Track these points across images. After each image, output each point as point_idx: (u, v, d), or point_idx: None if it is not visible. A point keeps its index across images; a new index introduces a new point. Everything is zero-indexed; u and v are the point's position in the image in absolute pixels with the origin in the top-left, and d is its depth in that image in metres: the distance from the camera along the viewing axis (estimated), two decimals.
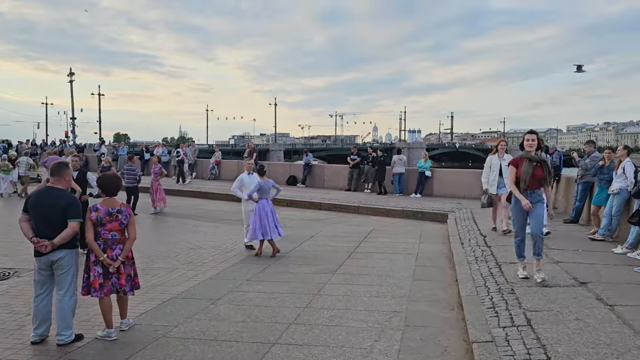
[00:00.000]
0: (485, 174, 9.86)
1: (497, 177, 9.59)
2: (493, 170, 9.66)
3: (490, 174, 9.73)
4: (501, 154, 9.68)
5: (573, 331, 4.55)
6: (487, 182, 9.75)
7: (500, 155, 9.69)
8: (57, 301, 4.66)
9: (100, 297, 4.82)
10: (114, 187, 5.04)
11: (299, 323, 5.38)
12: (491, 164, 9.70)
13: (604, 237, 8.85)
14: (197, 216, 13.33)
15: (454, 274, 7.32)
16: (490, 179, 9.70)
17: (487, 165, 9.82)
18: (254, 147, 23.51)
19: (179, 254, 8.69)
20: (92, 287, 4.76)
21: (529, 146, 6.32)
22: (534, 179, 6.18)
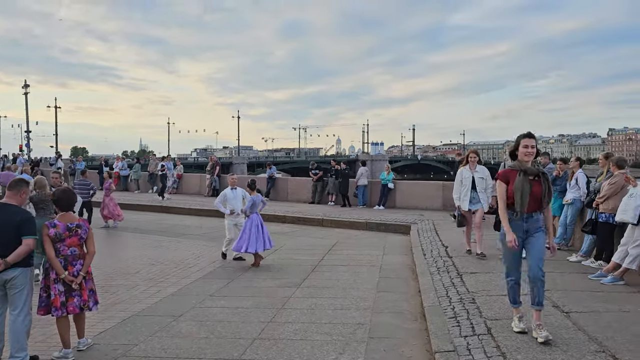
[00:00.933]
0: (456, 188, 8.95)
1: (469, 191, 8.72)
2: (464, 185, 8.79)
3: (461, 189, 8.84)
4: (472, 165, 8.85)
5: (531, 338, 4.67)
6: (458, 198, 8.86)
7: (471, 167, 8.86)
8: (10, 322, 4.47)
9: (59, 317, 4.67)
10: (69, 202, 4.92)
11: (263, 338, 5.33)
12: (462, 177, 8.84)
13: (560, 245, 9.12)
14: (159, 231, 13.08)
15: (417, 285, 7.41)
16: (462, 194, 8.81)
17: (457, 179, 8.93)
18: (217, 161, 23.28)
19: (139, 270, 8.50)
20: (52, 307, 4.60)
21: (526, 155, 4.80)
22: (532, 199, 4.73)
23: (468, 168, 8.85)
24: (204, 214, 16.01)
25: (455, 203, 8.96)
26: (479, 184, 8.71)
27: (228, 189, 9.55)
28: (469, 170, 8.83)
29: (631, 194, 6.78)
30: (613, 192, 7.37)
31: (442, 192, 17.01)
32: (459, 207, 8.83)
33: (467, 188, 8.73)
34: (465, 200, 8.75)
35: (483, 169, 8.88)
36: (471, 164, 8.87)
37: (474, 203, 8.73)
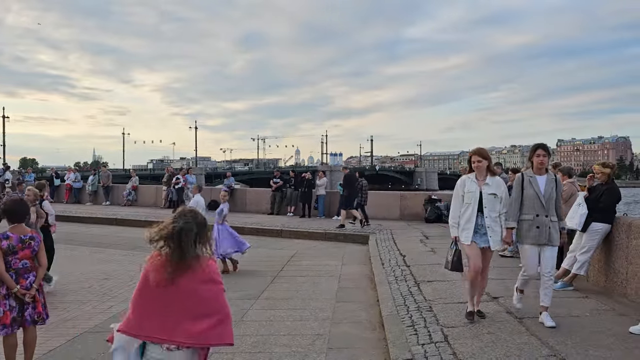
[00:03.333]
0: (454, 208, 5.73)
1: (474, 215, 5.51)
2: (467, 203, 5.58)
3: (464, 210, 5.59)
4: (480, 174, 5.67)
5: (486, 344, 4.77)
6: (456, 225, 5.64)
7: (479, 177, 5.65)
8: None
9: (7, 336, 4.43)
10: (22, 213, 4.72)
11: (220, 352, 5.23)
12: (464, 191, 5.65)
13: (513, 253, 9.39)
14: (113, 244, 12.71)
15: (376, 294, 7.46)
16: (464, 218, 5.57)
17: (456, 195, 5.73)
18: (174, 171, 22.90)
19: (92, 285, 8.22)
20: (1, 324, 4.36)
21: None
22: None
23: (474, 178, 5.67)
24: None
25: (451, 231, 5.69)
26: (490, 205, 5.53)
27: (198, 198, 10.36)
28: (474, 182, 5.63)
29: (579, 202, 7.06)
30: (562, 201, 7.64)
31: (400, 202, 17.29)
32: (456, 238, 5.63)
33: (472, 210, 5.55)
34: (467, 229, 5.54)
35: (498, 181, 5.69)
36: (478, 172, 5.67)
37: (481, 234, 5.56)
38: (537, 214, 5.48)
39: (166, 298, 2.77)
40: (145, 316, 2.78)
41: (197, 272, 2.84)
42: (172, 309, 2.77)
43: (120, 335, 2.82)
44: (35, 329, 4.65)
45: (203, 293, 2.85)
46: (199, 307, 2.80)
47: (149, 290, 2.79)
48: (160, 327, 2.75)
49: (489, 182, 5.65)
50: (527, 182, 5.62)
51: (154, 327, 2.75)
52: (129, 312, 2.85)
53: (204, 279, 2.87)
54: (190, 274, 2.80)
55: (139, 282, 2.86)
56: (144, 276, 2.83)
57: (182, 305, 2.77)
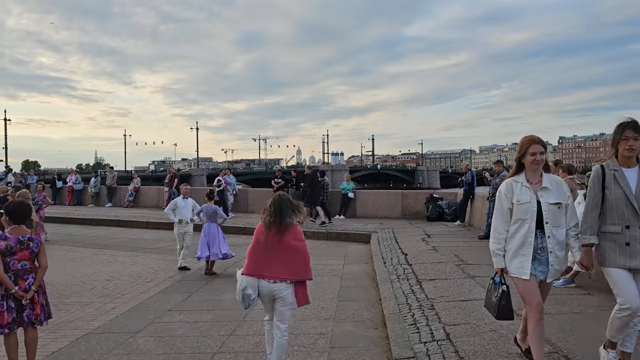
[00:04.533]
0: (498, 226, 4.09)
1: (532, 234, 3.91)
2: (522, 220, 3.94)
3: (516, 229, 3.98)
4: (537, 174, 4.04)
5: (488, 342, 4.78)
6: (501, 252, 4.06)
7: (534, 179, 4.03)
8: None
9: (7, 335, 4.46)
10: (23, 215, 4.74)
11: (223, 352, 5.25)
12: (515, 199, 3.98)
13: None
14: (115, 246, 12.74)
15: (378, 293, 7.47)
16: (517, 241, 3.97)
17: (501, 207, 4.07)
18: (176, 173, 22.91)
19: (94, 287, 8.25)
20: None
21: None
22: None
23: (524, 181, 4.02)
24: (163, 227, 15.68)
25: (495, 261, 4.09)
26: (553, 219, 3.93)
27: (179, 198, 9.86)
28: (527, 187, 3.97)
29: (579, 201, 7.05)
30: None
31: (401, 200, 17.29)
32: (502, 271, 4.07)
33: (528, 229, 3.91)
34: (522, 255, 3.93)
35: (558, 182, 4.05)
36: (531, 172, 4.03)
37: (540, 262, 3.95)
38: (626, 225, 3.84)
39: (271, 250, 4.35)
40: (258, 262, 4.37)
41: (291, 233, 4.38)
42: (275, 257, 4.34)
43: (244, 276, 4.39)
44: (36, 330, 4.67)
45: (295, 246, 4.40)
46: (292, 256, 4.39)
47: (259, 246, 4.41)
48: (268, 268, 4.32)
49: (548, 184, 3.92)
50: (610, 178, 3.92)
51: (264, 269, 4.33)
52: (246, 261, 4.43)
53: (295, 238, 4.40)
54: (286, 234, 4.35)
55: (252, 242, 4.47)
56: (256, 238, 4.45)
57: (282, 254, 4.35)
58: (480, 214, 13.31)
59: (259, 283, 4.33)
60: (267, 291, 4.33)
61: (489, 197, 11.57)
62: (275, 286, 4.30)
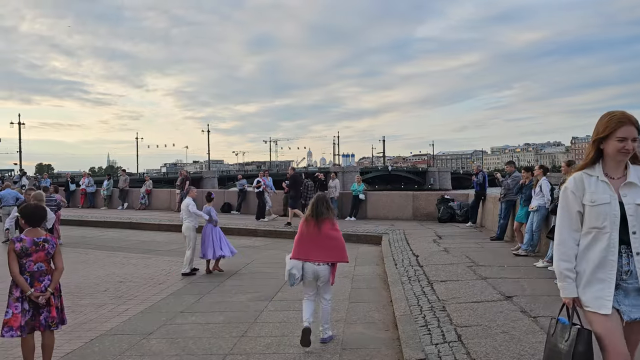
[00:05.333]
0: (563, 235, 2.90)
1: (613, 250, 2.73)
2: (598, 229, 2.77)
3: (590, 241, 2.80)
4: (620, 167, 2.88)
5: (500, 344, 4.75)
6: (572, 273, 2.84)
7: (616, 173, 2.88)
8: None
9: (24, 338, 4.51)
10: (37, 217, 4.81)
11: (235, 353, 5.28)
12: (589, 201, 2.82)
13: (527, 252, 9.34)
14: (127, 248, 12.84)
15: (389, 294, 7.46)
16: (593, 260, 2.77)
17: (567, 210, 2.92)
18: (187, 175, 23.05)
19: (108, 288, 8.32)
20: (6, 326, 4.41)
21: None
22: None
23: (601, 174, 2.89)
24: (174, 229, 15.75)
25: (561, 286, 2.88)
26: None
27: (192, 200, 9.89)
28: (605, 181, 2.85)
29: None
30: None
31: (413, 202, 17.24)
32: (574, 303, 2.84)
33: (610, 241, 2.76)
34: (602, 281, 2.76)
35: None
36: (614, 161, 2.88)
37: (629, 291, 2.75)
38: None
39: (314, 238, 5.45)
40: (303, 248, 5.45)
41: (328, 224, 5.52)
42: (317, 244, 5.43)
43: (291, 260, 5.44)
44: (53, 334, 4.71)
45: (332, 235, 5.52)
46: (330, 242, 5.49)
47: (303, 236, 5.51)
48: (312, 253, 5.40)
49: (636, 179, 2.84)
50: None
51: (308, 254, 5.41)
52: (294, 248, 5.50)
53: (331, 228, 5.54)
54: (323, 226, 5.48)
55: (297, 233, 5.60)
56: (300, 230, 5.60)
57: (322, 242, 5.44)
58: (492, 215, 13.23)
59: (304, 265, 5.39)
60: (311, 271, 5.40)
61: (501, 198, 11.50)
62: (319, 267, 5.40)
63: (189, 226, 9.59)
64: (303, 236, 5.51)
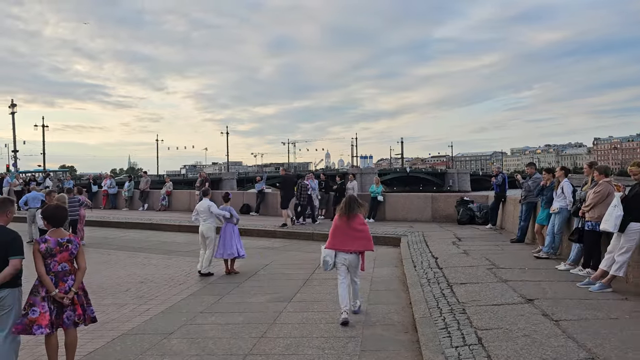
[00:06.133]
0: None
1: None
2: None
3: None
4: None
5: (522, 347, 4.70)
6: None
7: None
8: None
9: (48, 336, 4.61)
10: (60, 218, 4.90)
11: (254, 354, 5.31)
12: None
13: (548, 254, 9.22)
14: (148, 248, 13.00)
15: (408, 296, 7.43)
16: None
17: None
18: (206, 177, 23.24)
19: (129, 289, 8.44)
20: (35, 324, 4.50)
21: None
22: None
23: None
24: (194, 230, 15.83)
25: None
26: None
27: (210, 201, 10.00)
28: None
29: (615, 204, 6.87)
30: (598, 201, 7.47)
31: (432, 203, 17.12)
32: None
33: None
34: None
35: None
36: None
37: None
38: None
39: (346, 231, 6.41)
40: (337, 239, 6.42)
41: (358, 219, 6.47)
42: (348, 236, 6.40)
43: (326, 249, 6.45)
44: (76, 331, 4.81)
45: (359, 228, 6.46)
46: (359, 234, 6.43)
47: (337, 229, 6.47)
48: (343, 244, 6.39)
49: None
50: None
51: (341, 244, 6.40)
52: (328, 239, 6.49)
53: (359, 223, 6.49)
54: (355, 219, 6.45)
55: (332, 226, 6.59)
56: (334, 224, 6.58)
57: (352, 234, 6.41)
58: (512, 217, 13.09)
59: (336, 254, 6.38)
60: (343, 259, 6.38)
61: (521, 199, 11.37)
62: (349, 256, 6.39)
63: (210, 227, 9.67)
64: (336, 229, 6.48)
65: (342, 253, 6.37)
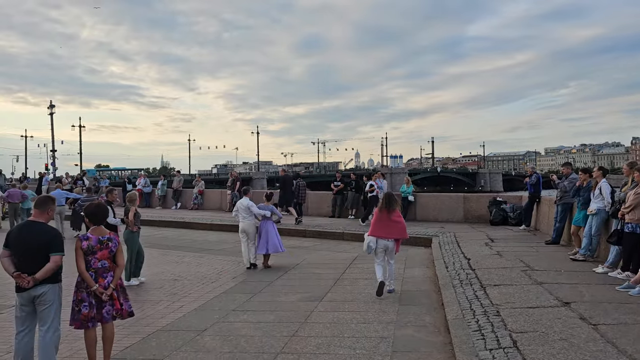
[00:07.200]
0: None
1: None
2: None
3: None
4: None
5: (558, 351, 4.59)
6: None
7: None
8: (40, 338, 4.56)
9: (88, 330, 4.76)
10: (102, 216, 5.05)
11: (286, 352, 5.34)
12: None
13: (585, 257, 8.98)
14: (181, 247, 13.21)
15: (440, 297, 7.35)
16: None
17: None
18: (237, 176, 23.47)
19: (163, 286, 8.60)
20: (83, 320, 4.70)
21: None
22: None
23: None
24: (226, 229, 16.12)
25: None
26: None
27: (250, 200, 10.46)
28: None
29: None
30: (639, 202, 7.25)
31: (463, 204, 16.90)
32: None
33: None
34: None
35: None
36: None
37: None
38: None
39: (386, 221, 7.66)
40: (378, 229, 7.65)
41: (396, 212, 7.78)
42: (387, 226, 7.65)
43: (369, 236, 7.62)
44: (113, 326, 4.95)
45: (397, 220, 7.75)
46: (396, 225, 7.71)
47: (379, 220, 7.71)
48: (384, 232, 7.62)
49: None
50: None
51: (381, 232, 7.62)
52: (370, 228, 7.74)
53: (397, 215, 7.78)
54: (393, 212, 7.73)
55: (374, 218, 8.05)
56: (375, 216, 7.94)
57: (391, 224, 7.67)
58: (547, 218, 12.81)
59: (377, 240, 7.59)
60: (383, 245, 7.62)
61: (557, 200, 11.11)
62: (387, 242, 7.63)
63: (250, 224, 10.12)
64: (378, 220, 7.76)
65: (382, 239, 7.59)
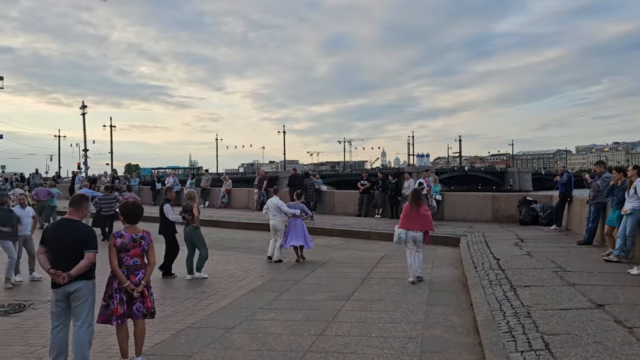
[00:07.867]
0: None
1: None
2: None
3: None
4: None
5: (592, 354, 4.49)
6: None
7: None
8: (74, 333, 4.67)
9: (119, 325, 4.86)
10: (136, 215, 5.16)
11: (314, 351, 5.35)
12: None
13: (619, 258, 8.76)
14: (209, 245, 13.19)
15: (469, 298, 7.26)
16: None
17: None
18: (264, 175, 23.63)
19: (191, 284, 8.71)
20: (113, 316, 4.80)
21: None
22: None
23: None
24: (253, 227, 16.24)
25: None
26: None
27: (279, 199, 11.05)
28: None
29: None
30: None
31: (492, 203, 16.65)
32: None
33: None
34: None
35: None
36: None
37: None
38: None
39: (414, 215, 8.57)
40: (407, 222, 8.57)
41: (423, 206, 8.74)
42: (415, 219, 8.56)
43: (399, 229, 8.55)
44: (144, 322, 5.04)
45: (425, 214, 8.65)
46: (424, 218, 8.61)
47: (407, 214, 8.61)
48: (413, 224, 8.54)
49: None
50: None
51: (409, 225, 8.54)
52: (400, 221, 8.70)
53: (424, 210, 8.70)
54: (421, 207, 8.66)
55: (403, 212, 8.86)
56: (404, 210, 8.81)
57: (419, 217, 8.57)
58: (579, 218, 12.52)
59: (407, 232, 8.42)
60: (412, 236, 8.43)
61: (590, 200, 10.86)
62: (416, 234, 8.44)
63: (280, 220, 10.73)
64: (407, 214, 8.59)
65: (411, 231, 8.42)
